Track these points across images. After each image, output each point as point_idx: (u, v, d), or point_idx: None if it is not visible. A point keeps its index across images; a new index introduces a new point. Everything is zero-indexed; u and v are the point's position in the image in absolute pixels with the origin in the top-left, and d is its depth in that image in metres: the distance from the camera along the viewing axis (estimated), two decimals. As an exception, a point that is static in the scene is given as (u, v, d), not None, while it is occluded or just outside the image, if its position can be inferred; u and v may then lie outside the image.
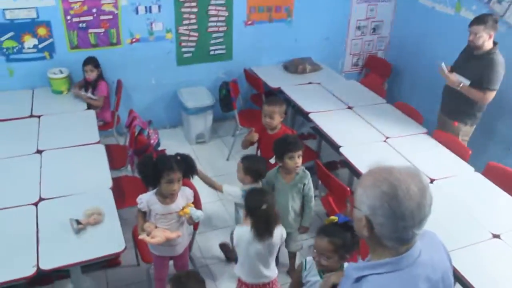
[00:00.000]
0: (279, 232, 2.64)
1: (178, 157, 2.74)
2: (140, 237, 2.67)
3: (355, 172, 3.63)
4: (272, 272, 2.74)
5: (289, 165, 3.00)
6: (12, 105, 4.14)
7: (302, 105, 4.41)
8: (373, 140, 3.90)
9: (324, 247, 2.16)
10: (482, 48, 3.73)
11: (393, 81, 5.66)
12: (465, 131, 4.07)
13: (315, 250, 2.22)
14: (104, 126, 4.37)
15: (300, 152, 2.98)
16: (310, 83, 4.99)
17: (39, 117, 3.96)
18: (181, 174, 2.69)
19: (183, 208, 2.75)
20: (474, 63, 3.79)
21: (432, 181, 3.36)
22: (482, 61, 3.73)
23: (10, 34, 4.25)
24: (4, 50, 4.32)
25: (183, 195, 2.79)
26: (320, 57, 5.55)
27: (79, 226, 2.70)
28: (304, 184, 3.08)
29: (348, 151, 3.69)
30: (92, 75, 4.32)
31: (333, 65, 5.68)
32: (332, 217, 2.20)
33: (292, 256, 3.45)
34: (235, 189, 3.09)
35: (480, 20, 3.67)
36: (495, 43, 3.74)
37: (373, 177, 1.38)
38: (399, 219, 1.33)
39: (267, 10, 5.18)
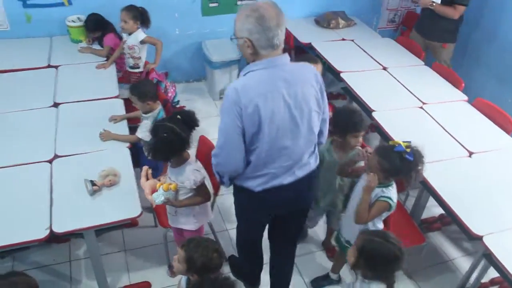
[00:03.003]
0: None
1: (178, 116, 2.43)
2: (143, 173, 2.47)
3: (387, 139, 3.40)
4: None
5: (352, 143, 2.75)
6: (30, 54, 3.97)
7: (333, 63, 4.14)
8: (408, 106, 3.63)
9: (372, 164, 2.40)
10: None
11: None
12: (451, 51, 4.51)
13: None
14: (123, 78, 4.18)
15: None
16: (343, 39, 4.69)
17: (56, 67, 3.79)
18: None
19: (169, 184, 2.41)
20: None
21: (470, 154, 3.12)
22: None
23: (28, -23, 4.04)
24: (21, -6, 4.11)
25: (189, 174, 2.45)
26: (354, 12, 5.22)
27: (94, 188, 2.57)
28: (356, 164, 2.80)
29: (381, 116, 3.45)
30: (96, 34, 4.16)
31: (368, 20, 5.32)
32: (395, 141, 2.39)
33: (330, 231, 3.29)
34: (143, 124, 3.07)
35: None
36: None
37: (243, 11, 2.02)
38: (267, 31, 1.98)
39: (300, -42, 4.82)
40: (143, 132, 3.02)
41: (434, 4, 4.21)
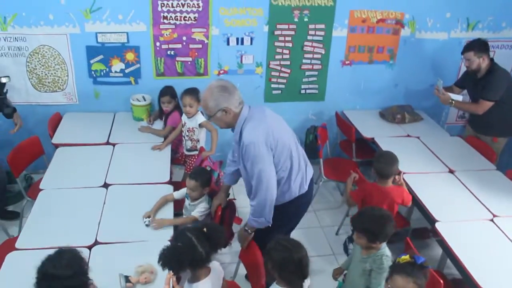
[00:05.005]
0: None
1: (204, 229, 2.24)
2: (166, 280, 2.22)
3: (449, 253, 3.08)
4: None
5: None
6: (92, 129, 4.09)
7: (396, 162, 3.90)
8: (477, 217, 3.30)
9: None
10: (481, 71, 4.02)
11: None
12: (502, 144, 4.30)
13: None
14: (179, 160, 4.16)
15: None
16: (408, 135, 4.46)
17: (114, 145, 3.84)
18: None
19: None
20: (480, 85, 4.05)
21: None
22: (484, 81, 4.01)
23: (100, 57, 4.22)
24: (93, 72, 4.29)
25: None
26: (422, 106, 5.01)
27: (128, 285, 2.45)
28: (371, 270, 2.63)
29: (445, 228, 3.14)
30: (169, 107, 4.11)
31: (436, 115, 5.08)
32: (405, 257, 2.21)
33: None
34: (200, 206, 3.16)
35: (468, 46, 4.03)
36: (492, 60, 4.02)
37: (208, 92, 2.65)
38: (232, 96, 2.65)
39: (368, 50, 4.75)
40: (201, 212, 3.12)
41: (453, 102, 4.11)
